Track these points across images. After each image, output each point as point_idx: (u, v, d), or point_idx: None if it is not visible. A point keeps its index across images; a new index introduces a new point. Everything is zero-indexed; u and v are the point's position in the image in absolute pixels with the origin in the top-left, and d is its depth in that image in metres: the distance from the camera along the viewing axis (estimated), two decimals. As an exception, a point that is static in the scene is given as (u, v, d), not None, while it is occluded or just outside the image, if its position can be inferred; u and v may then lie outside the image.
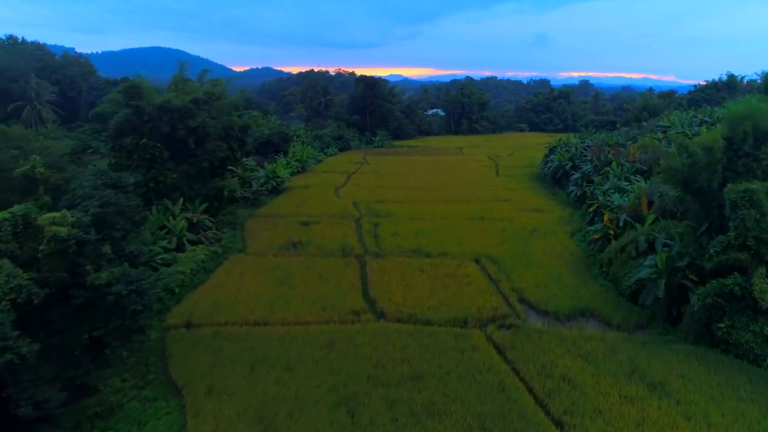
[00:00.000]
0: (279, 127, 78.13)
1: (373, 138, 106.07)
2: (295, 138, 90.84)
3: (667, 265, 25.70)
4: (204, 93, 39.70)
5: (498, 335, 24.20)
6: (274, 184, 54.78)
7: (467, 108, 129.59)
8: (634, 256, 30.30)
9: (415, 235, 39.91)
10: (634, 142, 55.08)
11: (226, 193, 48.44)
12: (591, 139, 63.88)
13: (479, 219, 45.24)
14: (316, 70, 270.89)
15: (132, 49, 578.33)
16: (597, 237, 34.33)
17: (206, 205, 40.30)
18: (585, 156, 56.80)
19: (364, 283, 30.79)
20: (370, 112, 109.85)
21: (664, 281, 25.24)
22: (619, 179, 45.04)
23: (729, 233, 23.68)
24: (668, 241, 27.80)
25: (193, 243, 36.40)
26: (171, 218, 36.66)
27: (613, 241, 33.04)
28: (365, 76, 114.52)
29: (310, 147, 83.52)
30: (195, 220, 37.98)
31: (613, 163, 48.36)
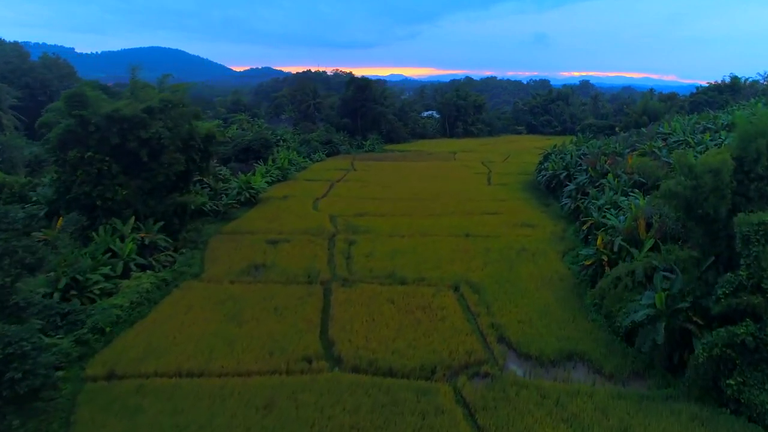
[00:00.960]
0: (262, 132, 74.61)
1: (363, 142, 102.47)
2: (281, 143, 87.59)
3: (667, 306, 22.16)
4: (160, 101, 36.17)
5: (469, 390, 20.65)
6: (248, 195, 51.23)
7: (462, 110, 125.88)
8: (631, 288, 26.80)
9: (392, 257, 36.39)
10: (632, 151, 51.61)
11: (191, 207, 45.02)
12: (587, 146, 60.31)
13: (464, 236, 41.70)
14: (313, 71, 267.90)
15: (132, 49, 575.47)
16: (589, 263, 30.76)
17: (162, 223, 36.75)
18: (580, 165, 53.26)
19: (324, 318, 27.26)
20: (361, 114, 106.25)
21: (663, 324, 21.70)
22: (616, 193, 41.58)
23: (740, 271, 20.14)
24: (668, 274, 24.24)
25: (143, 268, 32.91)
26: (118, 240, 33.15)
27: (607, 268, 29.50)
28: (356, 77, 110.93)
29: (295, 152, 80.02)
30: (147, 242, 34.46)
31: (609, 174, 44.80)
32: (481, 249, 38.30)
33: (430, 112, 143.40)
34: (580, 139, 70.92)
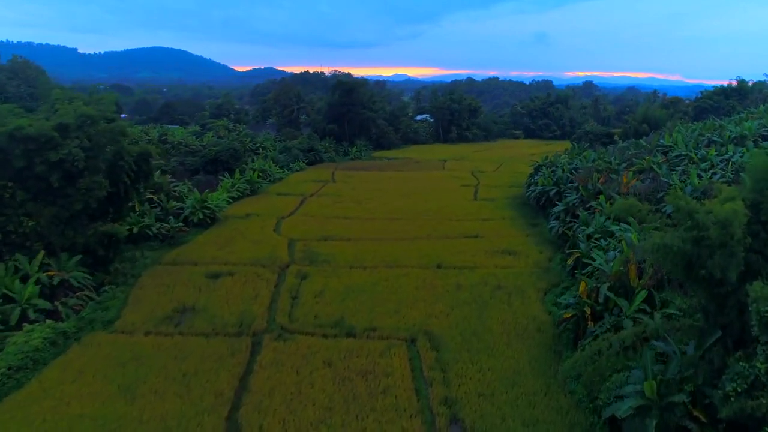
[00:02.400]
0: (231, 141, 69.64)
1: (349, 149, 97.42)
2: (260, 150, 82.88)
3: (659, 395, 17.06)
4: (77, 116, 31.24)
5: None
6: (202, 215, 46.22)
7: (456, 114, 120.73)
8: (617, 351, 21.70)
9: (345, 297, 31.38)
10: (629, 167, 46.47)
11: (136, 230, 40.30)
12: (581, 159, 55.07)
13: (435, 267, 36.68)
14: (311, 71, 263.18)
15: (134, 49, 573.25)
16: (568, 316, 25.61)
17: (79, 257, 31.84)
18: (571, 182, 48.08)
19: (240, 389, 22.25)
20: (348, 120, 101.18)
21: (655, 422, 16.59)
22: (609, 217, 36.45)
23: (756, 362, 15.04)
24: (662, 346, 19.13)
25: (49, 314, 27.98)
26: (18, 281, 28.23)
27: (590, 322, 24.38)
28: (342, 81, 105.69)
29: (271, 162, 75.11)
30: (56, 281, 29.55)
31: (601, 195, 39.64)
32: (452, 285, 33.25)
33: (424, 116, 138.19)
34: (575, 149, 65.80)
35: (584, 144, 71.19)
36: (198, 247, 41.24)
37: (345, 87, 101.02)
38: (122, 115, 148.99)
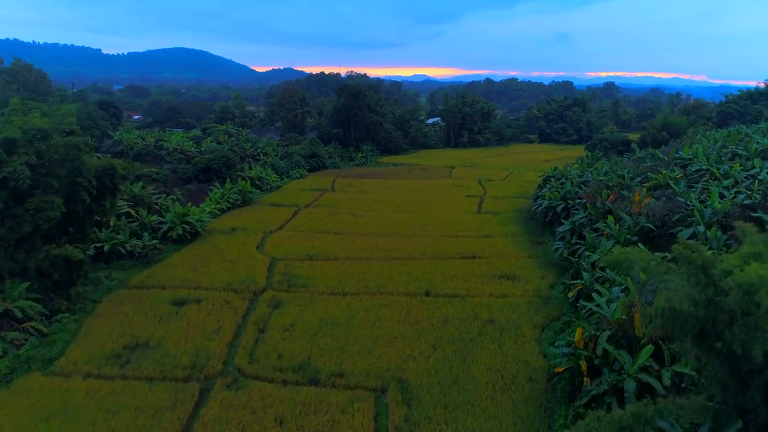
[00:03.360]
0: (223, 149, 66.90)
1: (355, 155, 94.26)
2: (261, 156, 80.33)
3: (662, 500, 13.49)
4: (25, 130, 28.54)
5: None
6: (181, 231, 43.38)
7: (468, 118, 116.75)
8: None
9: (316, 332, 28.19)
10: (643, 182, 42.48)
11: (107, 247, 37.75)
12: (592, 171, 51.07)
13: (423, 295, 33.30)
14: (326, 72, 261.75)
15: (157, 50, 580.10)
16: (561, 370, 21.99)
17: (27, 284, 29.15)
18: (580, 197, 44.22)
19: (171, 455, 19.20)
20: (354, 124, 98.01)
21: None
22: (617, 241, 32.82)
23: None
24: (667, 428, 15.49)
25: (-16, 349, 25.33)
26: (-49, 314, 25.63)
27: (586, 379, 20.78)
28: (348, 84, 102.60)
29: (270, 169, 72.34)
30: (-4, 313, 26.86)
31: (610, 217, 35.81)
32: (438, 319, 29.84)
33: (436, 119, 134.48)
34: (588, 158, 61.71)
35: (599, 152, 66.87)
36: (171, 268, 38.37)
37: (350, 90, 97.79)
38: (135, 117, 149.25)
